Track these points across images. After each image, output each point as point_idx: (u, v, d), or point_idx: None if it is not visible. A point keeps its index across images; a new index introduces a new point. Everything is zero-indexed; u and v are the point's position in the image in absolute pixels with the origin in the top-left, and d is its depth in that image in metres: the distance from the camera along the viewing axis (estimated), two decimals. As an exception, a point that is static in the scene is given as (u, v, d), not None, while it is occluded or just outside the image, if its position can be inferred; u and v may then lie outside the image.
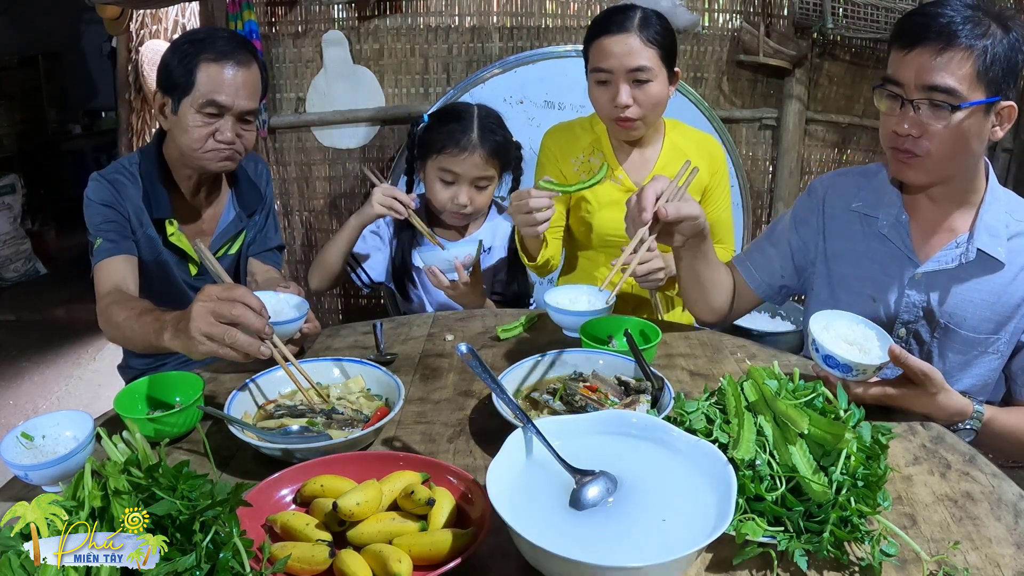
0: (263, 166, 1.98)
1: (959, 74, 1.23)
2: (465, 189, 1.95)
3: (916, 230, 1.45)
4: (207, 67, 1.59)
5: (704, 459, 0.93)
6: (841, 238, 1.53)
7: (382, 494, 0.96)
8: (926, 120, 1.27)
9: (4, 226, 4.63)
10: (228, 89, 1.60)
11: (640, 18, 1.78)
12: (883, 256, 1.47)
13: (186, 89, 1.60)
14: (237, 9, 2.71)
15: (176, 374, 1.28)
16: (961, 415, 1.26)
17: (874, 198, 1.50)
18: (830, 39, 2.87)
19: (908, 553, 0.92)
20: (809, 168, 3.11)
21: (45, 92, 5.74)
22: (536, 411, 1.22)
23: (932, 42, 1.24)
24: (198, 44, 1.61)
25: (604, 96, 1.82)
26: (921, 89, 1.26)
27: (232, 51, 1.62)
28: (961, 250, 1.39)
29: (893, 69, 1.31)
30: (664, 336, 1.47)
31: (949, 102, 1.24)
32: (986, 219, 1.38)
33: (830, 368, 1.23)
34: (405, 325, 1.67)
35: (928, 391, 1.21)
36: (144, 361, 1.96)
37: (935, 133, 1.27)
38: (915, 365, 1.18)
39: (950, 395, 1.23)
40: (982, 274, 1.39)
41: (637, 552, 0.81)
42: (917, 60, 1.25)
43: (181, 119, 1.62)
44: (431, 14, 2.87)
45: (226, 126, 1.62)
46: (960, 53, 1.23)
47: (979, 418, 1.28)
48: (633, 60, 1.75)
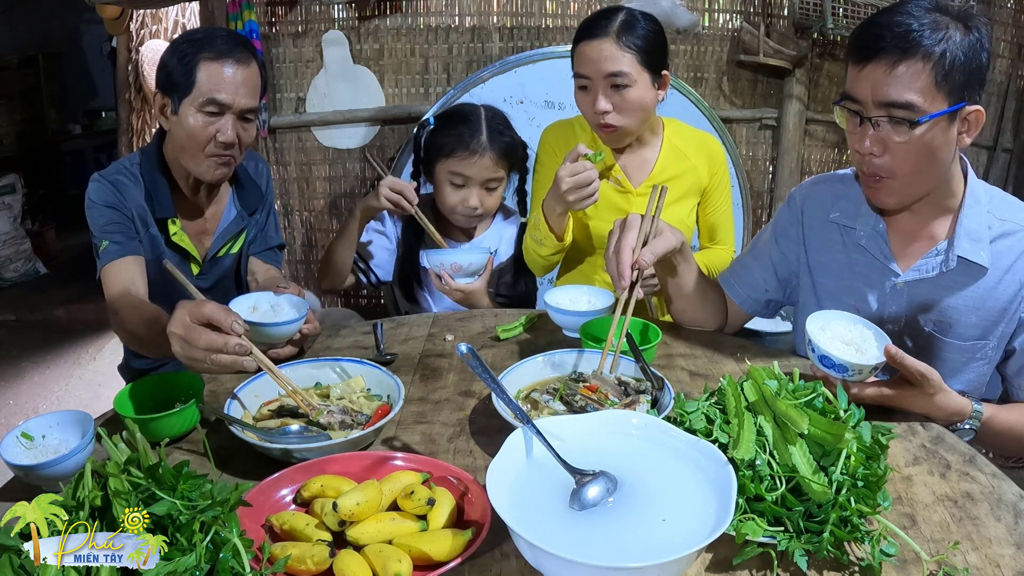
0: (263, 165, 1.98)
1: (916, 87, 1.17)
2: (476, 192, 1.94)
3: (895, 239, 1.41)
4: (207, 66, 1.59)
5: (704, 459, 0.93)
6: (822, 249, 1.51)
7: (382, 494, 0.96)
8: (886, 137, 1.22)
9: (4, 226, 4.63)
10: (228, 87, 1.60)
11: (621, 22, 1.74)
12: (863, 266, 1.44)
13: (186, 89, 1.60)
14: (237, 9, 2.72)
15: (176, 374, 1.28)
16: (960, 415, 1.25)
17: (852, 208, 1.45)
18: (830, 39, 2.88)
19: (908, 553, 0.91)
20: (809, 168, 3.11)
21: (45, 92, 5.73)
22: (536, 411, 1.22)
23: (886, 55, 1.18)
24: (197, 44, 1.61)
25: (585, 102, 1.81)
26: (878, 106, 1.21)
27: (231, 49, 1.62)
28: (941, 258, 1.35)
29: (850, 85, 1.25)
30: (664, 336, 1.47)
31: (908, 117, 1.19)
32: (966, 224, 1.33)
33: (826, 368, 1.22)
34: (405, 325, 1.67)
35: (926, 391, 1.20)
36: (145, 362, 1.96)
37: (896, 150, 1.23)
38: (912, 365, 1.17)
39: (948, 395, 1.22)
40: (965, 280, 1.34)
41: (637, 552, 0.81)
42: (871, 75, 1.20)
43: (182, 119, 1.62)
44: (431, 14, 2.87)
45: (227, 125, 1.62)
46: (916, 64, 1.17)
47: (978, 417, 1.27)
48: (609, 66, 1.72)
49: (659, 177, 1.92)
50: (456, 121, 1.95)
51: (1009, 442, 1.34)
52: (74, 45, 6.04)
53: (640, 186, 1.93)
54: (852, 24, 2.65)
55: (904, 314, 1.41)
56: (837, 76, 2.97)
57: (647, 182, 1.93)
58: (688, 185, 1.94)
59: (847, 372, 1.20)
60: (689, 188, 1.94)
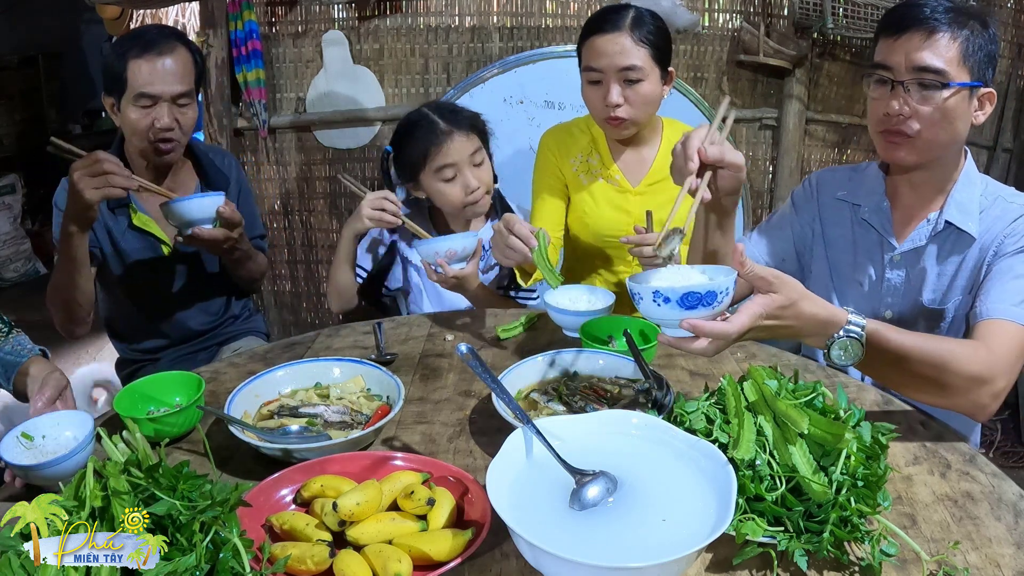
0: (230, 159, 2.08)
1: (947, 56, 1.30)
2: (468, 173, 1.90)
3: (897, 216, 1.50)
4: (134, 63, 1.70)
5: (704, 459, 0.93)
6: (833, 225, 1.59)
7: (382, 494, 0.96)
8: (916, 101, 1.33)
9: (4, 226, 4.63)
10: (156, 79, 1.71)
11: (633, 17, 1.77)
12: (866, 241, 1.53)
13: (122, 88, 1.72)
14: (237, 9, 2.72)
15: (176, 374, 1.28)
16: (834, 324, 1.09)
17: (859, 188, 1.56)
18: (830, 39, 2.87)
19: (908, 553, 0.92)
20: (809, 168, 3.10)
21: (45, 92, 5.72)
22: (536, 411, 1.22)
23: (923, 26, 1.31)
24: (126, 44, 1.73)
25: (596, 95, 1.82)
26: (911, 70, 1.32)
27: (155, 42, 1.72)
28: (932, 226, 1.44)
29: (883, 55, 1.36)
30: (664, 336, 1.47)
31: (939, 80, 1.30)
32: (957, 196, 1.42)
33: (689, 310, 0.99)
34: (405, 325, 1.67)
35: (788, 297, 1.05)
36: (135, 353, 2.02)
37: (924, 113, 1.33)
38: (762, 271, 1.05)
39: (814, 301, 1.08)
40: (955, 249, 1.42)
41: (637, 552, 0.81)
42: (907, 44, 1.32)
43: (124, 115, 1.75)
44: (431, 14, 2.87)
45: (162, 112, 1.73)
46: (947, 36, 1.30)
47: (860, 327, 1.10)
48: (624, 59, 1.75)
49: (657, 176, 1.92)
50: (409, 132, 1.92)
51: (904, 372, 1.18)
52: (74, 45, 6.03)
53: (638, 185, 1.93)
54: (852, 24, 2.65)
55: (903, 286, 1.48)
56: (837, 76, 2.97)
57: (645, 181, 1.93)
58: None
59: (715, 301, 0.99)
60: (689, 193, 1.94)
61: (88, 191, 1.53)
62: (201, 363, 1.69)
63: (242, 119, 2.90)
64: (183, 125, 1.78)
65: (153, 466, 0.84)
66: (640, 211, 1.91)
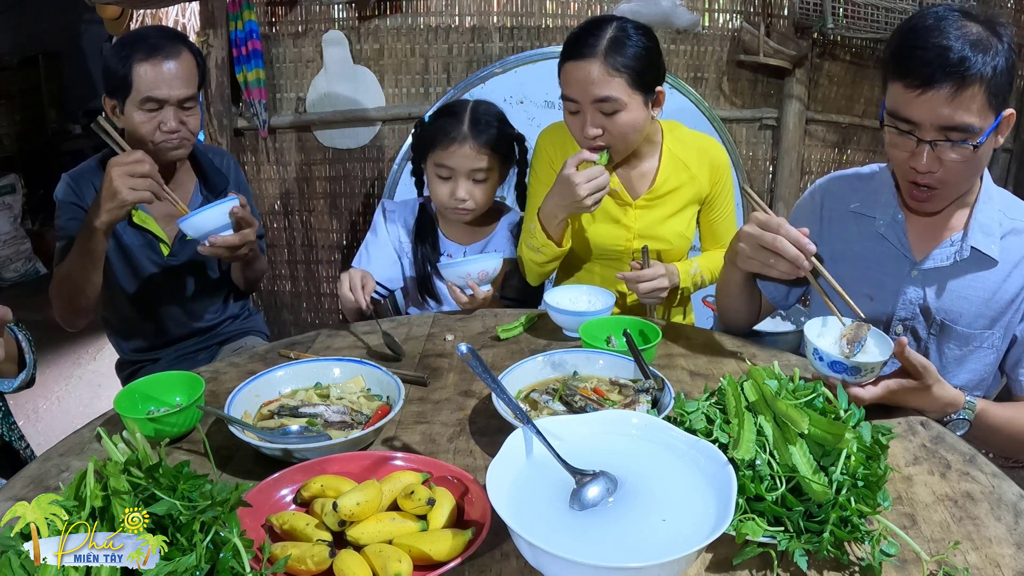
0: (230, 159, 2.08)
1: (974, 109, 1.22)
2: (462, 183, 1.90)
3: (912, 229, 1.47)
4: (140, 67, 1.70)
5: (704, 459, 0.93)
6: (838, 240, 1.55)
7: (382, 494, 0.96)
8: (945, 156, 1.27)
9: (4, 226, 4.63)
10: (163, 83, 1.71)
11: (610, 39, 1.64)
12: (880, 255, 1.49)
13: (126, 91, 1.72)
14: (237, 9, 2.72)
15: (176, 374, 1.28)
16: (953, 406, 1.26)
17: (871, 199, 1.51)
18: (830, 39, 2.87)
19: (908, 553, 0.92)
20: (809, 168, 3.11)
21: (45, 92, 5.73)
22: (536, 411, 1.22)
23: (947, 84, 1.20)
24: (130, 46, 1.72)
25: (575, 124, 1.73)
26: (939, 130, 1.24)
27: (160, 46, 1.71)
28: (956, 248, 1.41)
29: (903, 107, 1.27)
30: (664, 336, 1.47)
31: (968, 139, 1.24)
32: (980, 218, 1.40)
33: (837, 374, 1.21)
34: (405, 325, 1.67)
35: (925, 383, 1.22)
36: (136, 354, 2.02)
37: (951, 166, 1.28)
38: (915, 358, 1.19)
39: (943, 386, 1.24)
40: (977, 271, 1.41)
41: (637, 552, 0.81)
42: (932, 102, 1.23)
43: (128, 118, 1.74)
44: (431, 14, 2.87)
45: (168, 116, 1.74)
46: (972, 89, 1.20)
47: (971, 408, 1.28)
48: (598, 90, 1.63)
49: (660, 190, 1.87)
50: (442, 114, 1.94)
51: (1002, 439, 1.35)
52: (74, 45, 6.03)
53: (639, 199, 1.88)
54: (852, 24, 2.65)
55: (918, 302, 1.46)
56: (837, 76, 2.97)
57: (647, 195, 1.88)
58: (689, 196, 1.90)
59: (859, 373, 1.20)
60: (690, 199, 1.91)
61: (125, 190, 1.53)
62: (201, 363, 1.69)
63: (242, 119, 2.91)
64: (189, 127, 1.79)
65: (153, 466, 0.84)
66: (640, 226, 1.89)
